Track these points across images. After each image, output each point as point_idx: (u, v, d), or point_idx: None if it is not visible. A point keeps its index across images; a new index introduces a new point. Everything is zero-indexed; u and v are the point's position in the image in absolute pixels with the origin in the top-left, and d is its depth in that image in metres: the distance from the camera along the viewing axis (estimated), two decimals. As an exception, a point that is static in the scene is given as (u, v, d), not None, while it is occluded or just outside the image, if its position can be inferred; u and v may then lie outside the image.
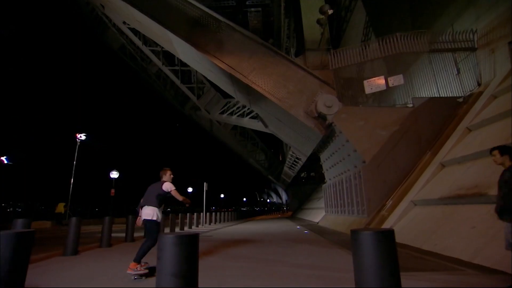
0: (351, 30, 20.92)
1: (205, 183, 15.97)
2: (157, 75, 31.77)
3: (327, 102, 11.16)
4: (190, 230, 13.55)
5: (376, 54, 11.00)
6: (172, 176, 4.77)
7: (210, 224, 17.79)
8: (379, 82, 10.63)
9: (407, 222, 6.95)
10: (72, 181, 14.98)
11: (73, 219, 5.60)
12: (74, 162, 15.36)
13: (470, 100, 9.29)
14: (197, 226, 15.46)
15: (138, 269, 3.97)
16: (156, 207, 4.42)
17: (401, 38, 10.84)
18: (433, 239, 5.39)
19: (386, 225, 7.52)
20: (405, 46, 10.73)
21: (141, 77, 33.91)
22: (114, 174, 20.30)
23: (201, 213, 16.74)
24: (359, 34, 18.91)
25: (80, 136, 16.07)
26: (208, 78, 18.92)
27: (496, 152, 3.42)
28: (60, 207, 14.62)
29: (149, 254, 4.11)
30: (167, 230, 11.61)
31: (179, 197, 4.54)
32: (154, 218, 4.36)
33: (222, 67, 13.30)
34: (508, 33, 9.09)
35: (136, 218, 4.70)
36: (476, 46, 10.46)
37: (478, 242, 4.39)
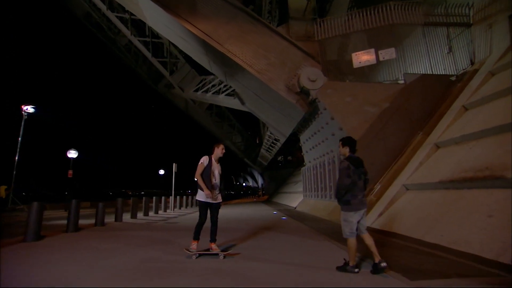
0: (334, 11, 19.76)
1: (174, 164, 14.52)
2: (127, 48, 28.82)
3: (311, 76, 10.00)
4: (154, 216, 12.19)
5: (366, 25, 9.95)
6: (223, 151, 4.52)
7: (180, 208, 16.50)
8: (369, 55, 9.63)
9: (399, 208, 6.14)
10: (16, 160, 12.85)
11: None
12: (19, 139, 13.15)
13: (464, 78, 8.59)
14: (164, 211, 14.12)
15: (192, 247, 4.15)
16: (198, 187, 4.29)
17: (395, 8, 9.84)
18: (437, 229, 4.55)
19: (375, 212, 6.70)
20: (398, 17, 9.76)
21: (110, 50, 30.69)
22: (73, 154, 18.10)
23: (170, 197, 15.36)
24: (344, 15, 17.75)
25: (27, 109, 13.69)
26: (180, 47, 17.00)
27: (340, 143, 3.62)
28: (1, 191, 12.52)
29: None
30: (126, 216, 10.20)
31: (196, 177, 4.28)
32: (197, 198, 4.34)
33: (195, 33, 11.63)
34: (509, 6, 8.39)
35: None
36: (471, 22, 9.74)
37: (502, 235, 3.53)
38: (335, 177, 9.57)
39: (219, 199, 4.37)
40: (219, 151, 4.45)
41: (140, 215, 11.21)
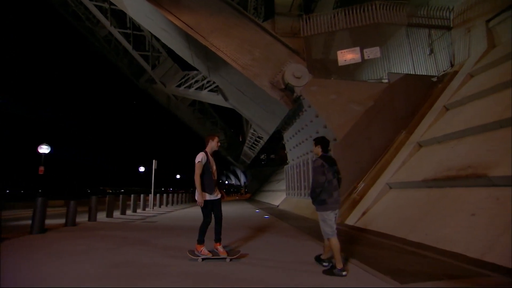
0: (320, 10, 19.83)
1: (154, 161, 13.98)
2: (107, 40, 27.44)
3: (296, 73, 9.87)
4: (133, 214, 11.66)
5: (352, 23, 9.92)
6: (218, 144, 4.14)
7: (160, 206, 15.97)
8: (354, 53, 9.60)
9: (383, 207, 6.11)
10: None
11: None
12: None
13: (445, 79, 8.76)
14: (143, 209, 13.56)
15: (202, 252, 3.78)
16: (196, 187, 3.81)
17: (380, 7, 9.87)
18: (421, 228, 4.52)
19: (358, 210, 6.66)
20: (383, 16, 9.79)
21: (89, 42, 29.13)
22: (44, 149, 17.01)
23: (150, 195, 14.80)
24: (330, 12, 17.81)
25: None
26: (162, 40, 16.37)
27: (314, 142, 3.66)
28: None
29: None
30: (101, 214, 9.66)
31: (195, 178, 3.76)
32: (196, 199, 3.83)
33: (178, 25, 11.18)
34: (486, 11, 8.60)
35: None
36: (451, 25, 9.95)
37: (486, 234, 3.51)
38: (318, 175, 9.49)
39: (219, 195, 4.04)
40: (214, 144, 4.06)
41: (117, 214, 10.67)
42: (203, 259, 3.72)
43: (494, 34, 8.26)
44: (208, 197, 3.84)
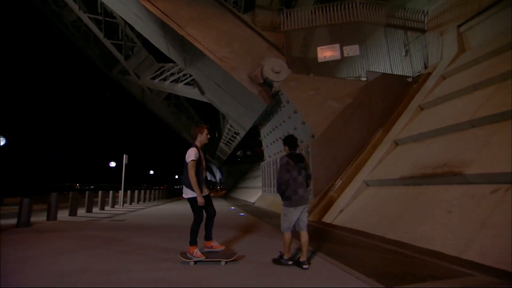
0: (300, 6, 19.82)
1: (124, 155, 13.19)
2: (75, 26, 25.41)
3: (275, 67, 9.65)
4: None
5: (332, 20, 9.86)
6: (208, 136, 3.77)
7: (131, 204, 15.15)
8: (333, 50, 9.56)
9: (361, 205, 6.07)
10: None
11: None
12: None
13: (419, 80, 8.98)
14: (112, 206, 12.75)
15: (195, 254, 3.41)
16: (184, 184, 3.53)
17: (360, 6, 9.90)
18: (399, 225, 4.48)
19: (336, 208, 6.60)
20: (363, 15, 9.82)
21: (55, 27, 26.81)
22: (-1, 141, 15.42)
23: (120, 191, 13.97)
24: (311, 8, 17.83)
25: None
26: (136, 28, 15.51)
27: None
28: None
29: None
30: (64, 213, 8.89)
31: (192, 178, 3.39)
32: (188, 196, 3.53)
33: (153, 12, 10.51)
34: (457, 17, 8.91)
35: None
36: (426, 28, 10.23)
37: (463, 232, 3.50)
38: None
39: (208, 191, 3.78)
40: (203, 137, 3.67)
41: (82, 211, 9.89)
42: (195, 262, 3.36)
43: (464, 39, 8.57)
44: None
